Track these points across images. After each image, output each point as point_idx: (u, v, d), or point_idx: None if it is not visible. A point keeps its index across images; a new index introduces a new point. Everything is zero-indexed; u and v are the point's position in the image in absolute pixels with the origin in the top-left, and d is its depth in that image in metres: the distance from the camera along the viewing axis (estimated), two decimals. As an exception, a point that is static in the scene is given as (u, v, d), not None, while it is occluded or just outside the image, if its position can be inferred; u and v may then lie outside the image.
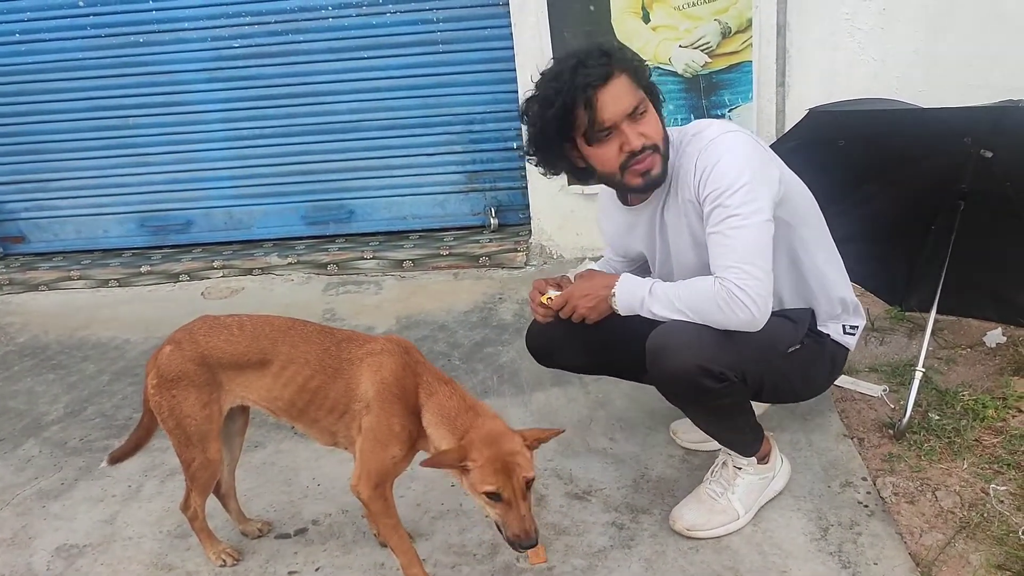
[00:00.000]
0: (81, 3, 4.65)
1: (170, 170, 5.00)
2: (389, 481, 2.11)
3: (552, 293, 2.28)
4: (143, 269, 4.85)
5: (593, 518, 2.45)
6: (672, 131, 2.18)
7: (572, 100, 2.01)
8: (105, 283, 4.85)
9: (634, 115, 2.05)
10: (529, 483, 1.90)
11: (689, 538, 2.31)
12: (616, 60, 2.03)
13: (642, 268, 2.56)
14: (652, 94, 2.11)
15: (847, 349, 2.45)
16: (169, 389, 2.12)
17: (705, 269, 2.07)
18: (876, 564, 2.16)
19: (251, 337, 2.16)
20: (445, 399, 2.05)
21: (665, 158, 2.13)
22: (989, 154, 2.68)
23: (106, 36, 4.70)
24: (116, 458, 2.35)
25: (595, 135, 2.05)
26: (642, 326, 2.13)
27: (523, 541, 1.88)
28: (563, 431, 2.12)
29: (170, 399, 2.13)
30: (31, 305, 4.71)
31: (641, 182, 2.14)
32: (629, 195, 2.30)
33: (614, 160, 2.09)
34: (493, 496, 1.87)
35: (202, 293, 4.66)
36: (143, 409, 2.26)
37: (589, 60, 2.01)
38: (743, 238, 1.98)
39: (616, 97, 2.01)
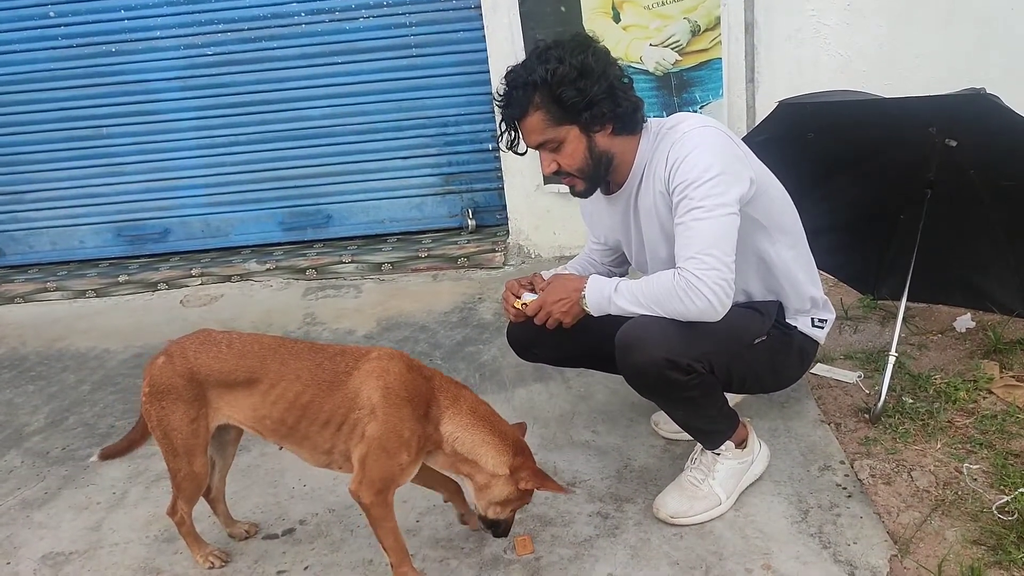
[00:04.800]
0: (52, 13, 4.63)
1: (145, 179, 4.98)
2: (393, 488, 2.10)
3: (527, 297, 2.31)
4: (120, 279, 4.83)
5: (578, 508, 2.48)
6: (651, 122, 2.24)
7: (508, 122, 2.20)
8: (82, 294, 4.82)
9: (544, 147, 2.17)
10: None
11: (673, 525, 2.35)
12: (539, 95, 2.09)
13: (622, 258, 2.60)
14: (587, 115, 2.11)
15: (816, 342, 2.50)
16: (159, 400, 2.12)
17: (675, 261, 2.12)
18: (856, 543, 2.21)
19: (239, 355, 2.14)
20: (475, 404, 2.13)
21: (591, 179, 2.24)
22: (954, 143, 2.74)
23: (78, 46, 4.69)
24: (108, 454, 2.34)
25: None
26: (619, 317, 2.17)
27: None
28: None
29: (159, 410, 2.12)
30: (7, 317, 4.67)
31: (570, 192, 2.31)
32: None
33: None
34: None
35: (181, 301, 4.65)
36: (140, 412, 2.26)
37: (515, 91, 2.11)
38: (704, 229, 2.02)
39: (528, 131, 2.18)
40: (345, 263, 4.74)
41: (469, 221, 4.93)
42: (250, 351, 2.15)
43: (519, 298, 2.33)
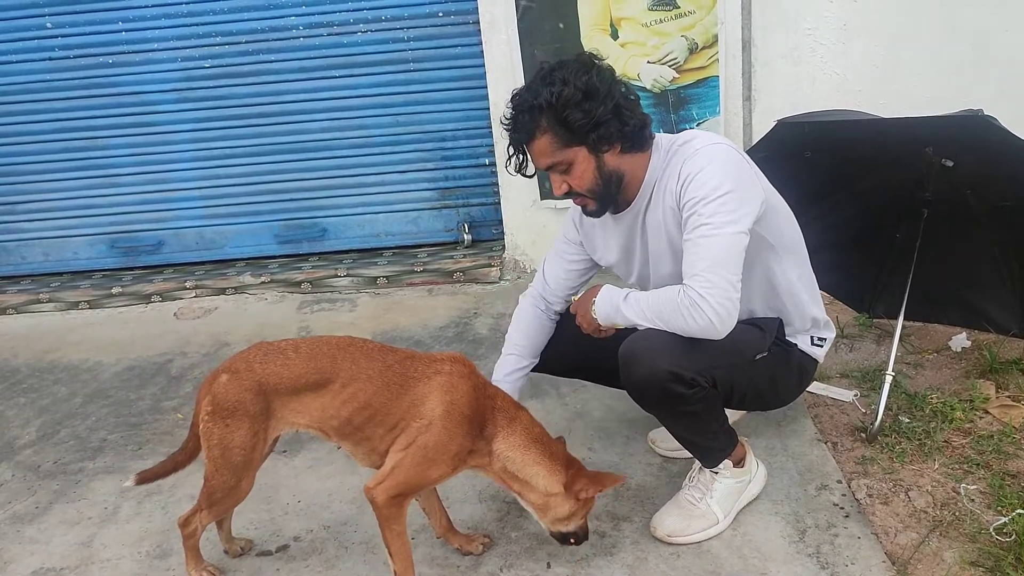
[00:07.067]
0: (49, 24, 4.63)
1: (140, 191, 4.97)
2: (413, 495, 2.13)
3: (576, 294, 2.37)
4: (114, 290, 4.80)
5: (575, 527, 2.46)
6: (660, 138, 2.24)
7: (516, 145, 2.20)
8: (75, 305, 4.79)
9: (553, 169, 2.17)
10: None
11: (670, 544, 2.34)
12: (545, 118, 2.08)
13: (582, 271, 2.61)
14: (595, 136, 2.09)
15: (816, 361, 2.49)
16: (223, 419, 2.08)
17: (680, 277, 2.12)
18: (853, 564, 2.20)
19: (307, 358, 2.13)
20: (530, 425, 2.16)
21: (602, 199, 2.23)
22: (950, 163, 2.76)
23: (74, 57, 4.69)
24: (146, 479, 2.30)
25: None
26: (622, 330, 2.17)
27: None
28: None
29: (223, 428, 2.08)
30: (-1, 329, 4.65)
31: (583, 212, 2.32)
32: None
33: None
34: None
35: (175, 313, 4.63)
36: (190, 433, 2.23)
37: (522, 115, 2.11)
38: (712, 247, 2.02)
39: (537, 154, 2.17)
40: (340, 277, 4.73)
41: (465, 235, 4.93)
42: (320, 352, 2.15)
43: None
